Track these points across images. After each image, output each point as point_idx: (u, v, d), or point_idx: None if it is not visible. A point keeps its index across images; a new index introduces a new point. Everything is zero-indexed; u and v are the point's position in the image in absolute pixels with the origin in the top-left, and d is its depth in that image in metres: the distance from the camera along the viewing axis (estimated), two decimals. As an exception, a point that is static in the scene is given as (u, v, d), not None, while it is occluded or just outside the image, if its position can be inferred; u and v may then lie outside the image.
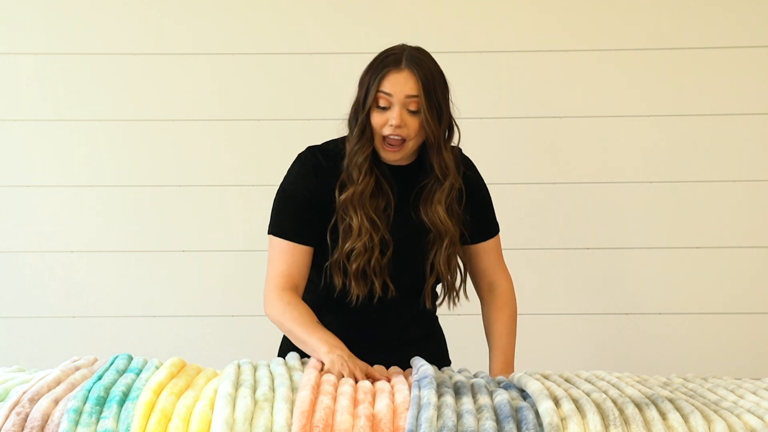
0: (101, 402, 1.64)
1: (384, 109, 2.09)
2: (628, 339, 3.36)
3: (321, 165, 2.17)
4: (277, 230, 2.16)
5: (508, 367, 2.24)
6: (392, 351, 2.15)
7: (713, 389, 1.90)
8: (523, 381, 1.83)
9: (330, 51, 3.34)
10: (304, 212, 2.15)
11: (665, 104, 3.36)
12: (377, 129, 2.10)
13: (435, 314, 2.35)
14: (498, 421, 1.64)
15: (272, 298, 2.11)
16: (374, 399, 1.73)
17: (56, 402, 1.66)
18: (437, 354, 2.29)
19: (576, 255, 3.38)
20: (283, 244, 2.14)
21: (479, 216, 2.27)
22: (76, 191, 3.37)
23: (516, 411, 1.68)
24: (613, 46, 3.36)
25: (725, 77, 3.36)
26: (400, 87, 2.07)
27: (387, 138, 2.10)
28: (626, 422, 1.63)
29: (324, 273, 2.19)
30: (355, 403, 1.70)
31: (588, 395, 1.73)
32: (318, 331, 2.02)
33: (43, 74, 3.37)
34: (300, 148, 2.24)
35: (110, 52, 3.37)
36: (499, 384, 1.90)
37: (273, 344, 2.35)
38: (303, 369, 1.93)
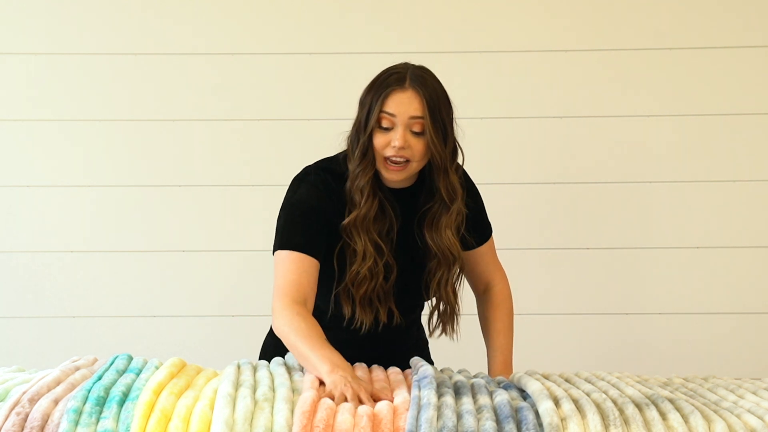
0: (101, 402, 1.64)
1: (386, 130, 2.02)
2: (628, 339, 3.36)
3: (331, 186, 2.11)
4: (287, 244, 2.05)
5: (507, 367, 2.24)
6: (383, 359, 2.12)
7: (713, 389, 1.91)
8: (523, 381, 1.83)
9: (330, 51, 3.34)
10: (315, 225, 2.06)
11: (665, 104, 3.36)
12: (379, 150, 2.04)
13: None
14: (498, 422, 1.64)
15: (280, 308, 2.00)
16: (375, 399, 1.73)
17: (56, 402, 1.66)
18: (415, 347, 2.29)
19: (576, 255, 3.38)
20: (293, 256, 2.03)
21: (476, 221, 2.25)
22: (76, 191, 3.37)
23: (516, 411, 1.68)
24: (613, 46, 3.36)
25: (725, 77, 3.35)
26: (404, 108, 2.01)
27: (389, 158, 2.04)
28: (626, 422, 1.63)
29: (332, 301, 2.13)
30: (355, 404, 1.70)
31: (588, 395, 1.73)
32: (322, 348, 1.88)
33: (43, 74, 3.37)
34: (300, 148, 2.24)
35: (110, 52, 3.37)
36: (499, 384, 1.90)
37: (273, 344, 2.35)
38: (303, 370, 1.93)
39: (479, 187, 2.32)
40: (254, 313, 3.30)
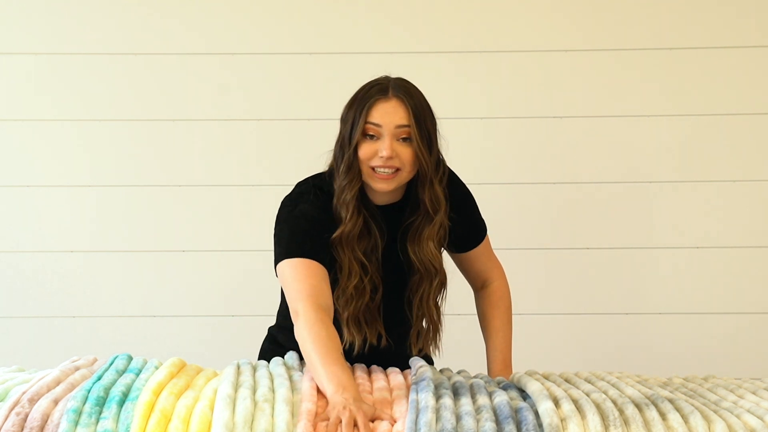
0: (101, 402, 1.64)
1: (372, 138, 2.00)
2: (628, 339, 3.36)
3: (327, 203, 2.07)
4: (297, 252, 1.97)
5: (506, 365, 2.24)
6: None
7: (713, 389, 1.90)
8: (523, 381, 1.82)
9: (330, 51, 3.34)
10: (321, 237, 2.02)
11: (665, 104, 3.36)
12: (365, 160, 2.00)
13: None
14: (498, 422, 1.64)
15: (304, 310, 1.89)
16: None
17: (56, 402, 1.66)
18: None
19: (576, 255, 3.37)
20: (306, 263, 1.96)
21: (468, 225, 2.23)
22: (76, 191, 3.37)
23: (516, 411, 1.68)
24: (613, 46, 3.36)
25: (725, 77, 3.35)
26: (390, 117, 1.99)
27: (376, 168, 2.00)
28: (626, 422, 1.63)
29: None
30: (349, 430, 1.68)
31: (588, 395, 1.73)
32: (334, 364, 1.79)
33: (43, 74, 3.37)
34: (300, 148, 2.23)
35: (110, 52, 3.37)
36: (499, 384, 1.90)
37: (273, 344, 2.35)
38: (302, 369, 1.93)
39: (479, 188, 2.32)
40: (254, 313, 3.30)
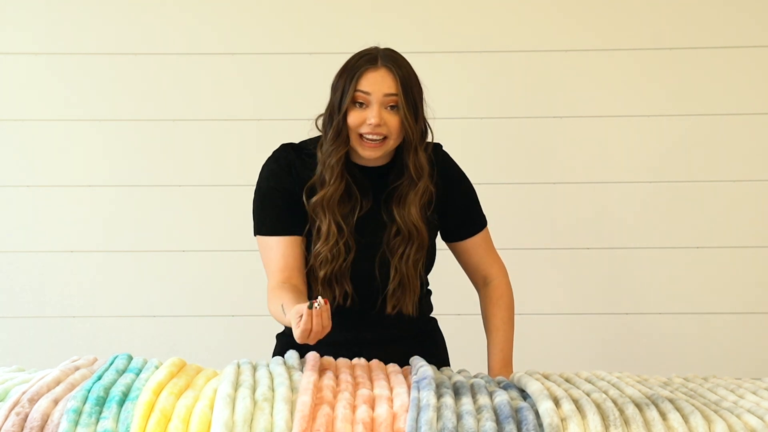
0: (101, 402, 1.64)
1: (361, 106, 2.07)
2: (628, 339, 3.36)
3: (294, 162, 2.18)
4: (262, 229, 2.16)
5: (507, 363, 2.24)
6: (377, 349, 2.12)
7: (713, 389, 1.90)
8: (523, 381, 1.82)
9: (330, 51, 3.34)
10: (283, 206, 2.15)
11: (665, 104, 3.36)
12: (354, 127, 2.08)
13: (425, 316, 2.33)
14: (498, 422, 1.64)
15: (269, 296, 2.10)
16: (374, 403, 1.73)
17: (56, 402, 1.66)
18: (432, 354, 2.27)
19: (576, 255, 3.37)
20: (272, 241, 2.14)
21: (463, 211, 2.26)
22: (76, 191, 3.37)
23: (516, 411, 1.68)
24: (613, 46, 3.36)
25: (725, 77, 3.36)
26: (378, 86, 2.06)
27: (364, 136, 2.08)
28: (626, 422, 1.63)
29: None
30: (354, 409, 1.70)
31: (588, 395, 1.73)
32: (288, 306, 1.96)
33: (43, 74, 3.37)
34: (300, 148, 2.23)
35: (110, 52, 3.37)
36: (499, 384, 1.90)
37: (273, 344, 2.35)
38: (302, 369, 1.93)
39: (479, 188, 2.32)
40: (254, 313, 3.30)
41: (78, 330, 3.36)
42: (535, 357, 3.04)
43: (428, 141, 2.20)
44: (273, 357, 2.31)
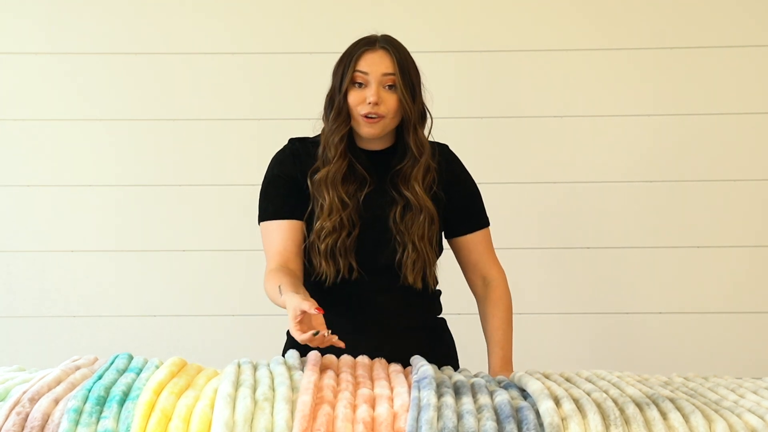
0: (101, 402, 1.64)
1: (360, 86, 2.14)
2: (628, 339, 3.36)
3: (299, 151, 2.24)
4: (263, 215, 2.21)
5: (507, 363, 2.24)
6: (385, 341, 2.14)
7: (714, 389, 1.90)
8: (524, 381, 1.82)
9: (330, 51, 3.33)
10: (285, 191, 2.19)
11: (665, 104, 3.36)
12: (354, 107, 2.15)
13: (434, 311, 2.34)
14: (499, 422, 1.64)
15: (266, 277, 2.13)
16: (374, 403, 1.73)
17: (56, 402, 1.66)
18: (441, 352, 2.27)
19: (576, 255, 3.38)
20: (272, 225, 2.18)
21: (465, 206, 2.29)
22: (76, 191, 3.37)
23: (516, 411, 1.68)
24: (613, 46, 3.36)
25: (725, 77, 3.36)
26: (376, 66, 2.14)
27: (364, 115, 2.14)
28: (627, 422, 1.63)
29: (306, 258, 2.21)
30: (354, 408, 1.70)
31: (589, 395, 1.73)
32: (287, 294, 1.96)
33: (44, 74, 3.37)
34: (300, 148, 2.24)
35: (110, 52, 3.37)
36: (500, 384, 1.90)
37: (273, 343, 2.35)
38: (303, 368, 1.93)
39: (479, 187, 2.32)
40: (254, 313, 3.30)
41: (78, 329, 3.36)
42: (535, 357, 3.04)
43: (435, 141, 2.27)
44: (283, 353, 2.32)
